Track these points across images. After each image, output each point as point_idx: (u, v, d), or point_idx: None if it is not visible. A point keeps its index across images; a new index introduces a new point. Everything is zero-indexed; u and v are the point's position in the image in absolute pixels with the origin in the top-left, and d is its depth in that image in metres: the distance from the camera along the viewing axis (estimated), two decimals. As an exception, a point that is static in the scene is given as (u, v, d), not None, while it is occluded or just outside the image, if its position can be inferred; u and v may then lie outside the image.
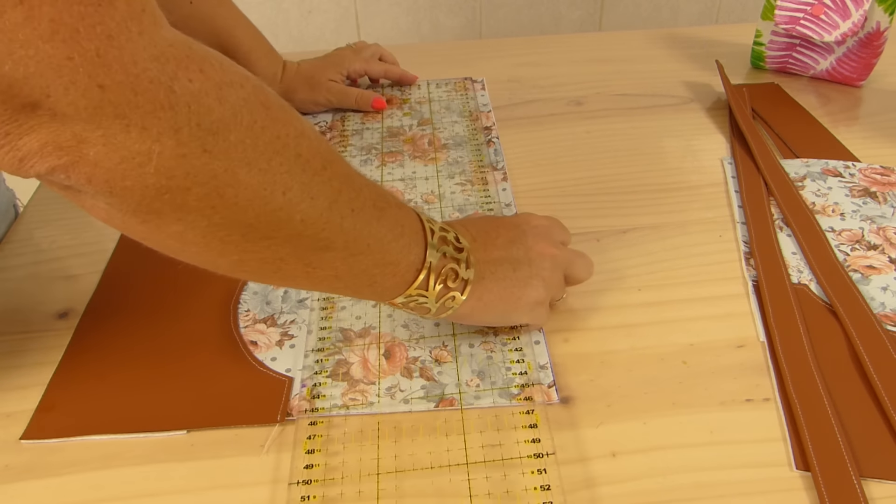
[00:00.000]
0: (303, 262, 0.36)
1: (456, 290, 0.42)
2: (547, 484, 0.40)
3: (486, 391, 0.45)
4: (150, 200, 0.29)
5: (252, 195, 0.31)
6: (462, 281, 0.42)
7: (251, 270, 0.36)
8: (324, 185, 0.34)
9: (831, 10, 0.73)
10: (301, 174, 0.33)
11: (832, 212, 0.59)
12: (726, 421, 0.43)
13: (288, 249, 0.35)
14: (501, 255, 0.45)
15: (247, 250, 0.34)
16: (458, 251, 0.42)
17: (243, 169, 0.30)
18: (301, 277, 0.37)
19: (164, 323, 0.51)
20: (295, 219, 0.33)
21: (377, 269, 0.39)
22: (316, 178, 0.34)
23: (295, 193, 0.33)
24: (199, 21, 0.70)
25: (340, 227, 0.36)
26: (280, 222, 0.33)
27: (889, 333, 0.48)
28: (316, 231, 0.35)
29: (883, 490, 0.39)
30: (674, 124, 0.73)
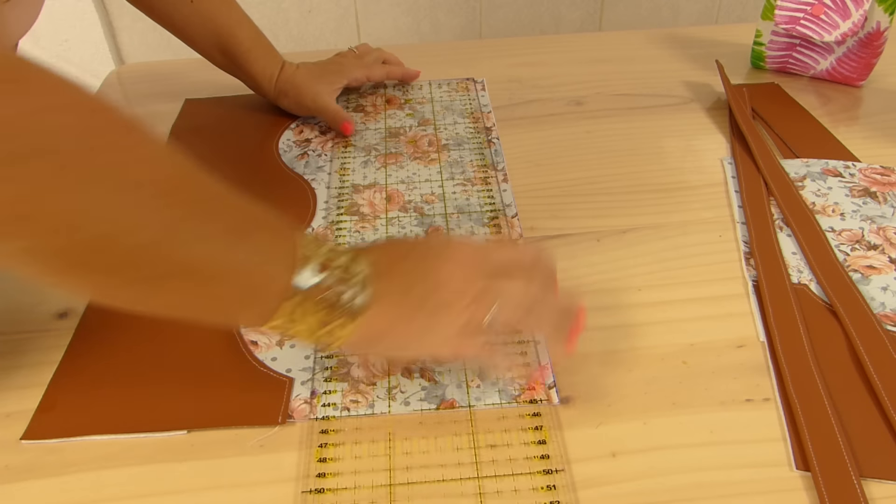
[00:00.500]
0: (139, 290, 0.34)
1: (340, 319, 0.38)
2: (553, 484, 0.40)
3: (487, 392, 0.45)
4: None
5: (61, 222, 0.30)
6: (347, 310, 0.38)
7: (88, 294, 0.34)
8: (161, 213, 0.32)
9: (831, 10, 0.73)
10: (132, 201, 0.31)
11: (832, 212, 0.59)
12: (726, 421, 0.43)
13: (118, 278, 0.33)
14: (404, 284, 0.40)
15: (70, 274, 0.32)
16: (344, 280, 0.38)
17: (50, 195, 0.29)
18: (143, 304, 0.35)
19: (164, 323, 0.51)
20: (120, 247, 0.31)
21: (234, 298, 0.37)
22: (152, 205, 0.32)
23: (120, 222, 0.31)
24: (199, 20, 0.70)
25: (182, 256, 0.33)
26: (100, 250, 0.31)
27: (889, 333, 0.48)
28: (150, 260, 0.33)
29: (883, 490, 0.39)
30: (674, 124, 0.73)
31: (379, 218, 0.60)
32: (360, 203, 0.62)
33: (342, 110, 0.72)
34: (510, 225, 0.59)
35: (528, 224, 0.59)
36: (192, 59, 0.85)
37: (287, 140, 0.72)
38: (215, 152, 0.70)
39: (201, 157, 0.72)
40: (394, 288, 0.40)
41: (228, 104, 0.78)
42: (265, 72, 0.73)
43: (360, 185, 0.64)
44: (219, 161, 0.69)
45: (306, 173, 0.66)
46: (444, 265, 0.41)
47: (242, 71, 0.73)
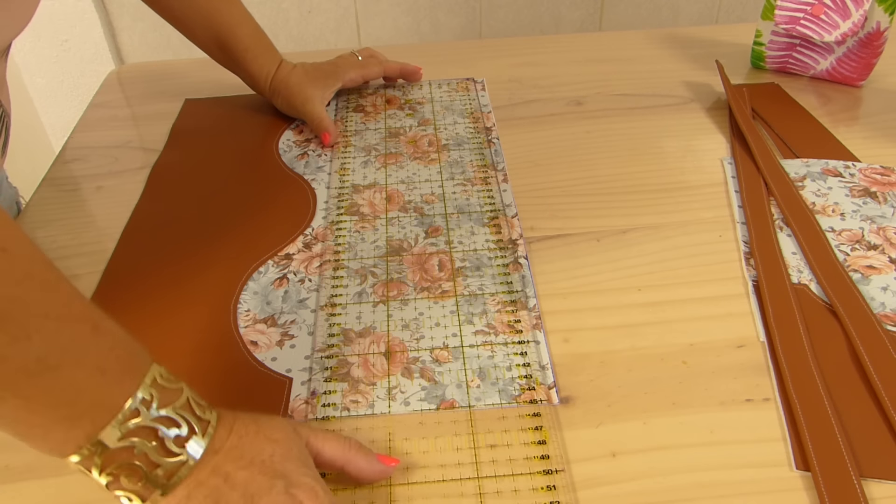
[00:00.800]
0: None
1: (126, 496, 0.34)
2: (553, 484, 0.40)
3: (486, 392, 0.45)
4: None
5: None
6: (139, 493, 0.33)
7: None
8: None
9: (831, 10, 0.73)
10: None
11: (832, 212, 0.59)
12: (726, 421, 0.43)
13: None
14: (216, 498, 0.34)
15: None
16: (163, 452, 0.33)
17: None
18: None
19: (163, 323, 0.51)
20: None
21: (21, 433, 0.33)
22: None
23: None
24: (199, 15, 0.70)
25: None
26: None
27: (889, 333, 0.48)
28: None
29: (883, 490, 0.39)
30: (674, 124, 0.73)
31: (379, 218, 0.60)
32: (360, 203, 0.62)
33: (327, 118, 0.71)
34: (510, 225, 0.59)
35: (528, 224, 0.59)
36: (192, 59, 0.85)
37: (287, 140, 0.72)
38: (215, 152, 0.70)
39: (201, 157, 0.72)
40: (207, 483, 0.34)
41: (228, 104, 0.78)
42: (262, 70, 0.72)
43: (360, 185, 0.64)
44: (219, 161, 0.69)
45: (306, 173, 0.66)
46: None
47: (240, 68, 0.73)
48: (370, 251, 0.57)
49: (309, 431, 0.39)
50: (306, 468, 0.36)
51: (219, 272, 0.55)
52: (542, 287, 0.53)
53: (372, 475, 0.40)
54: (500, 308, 0.51)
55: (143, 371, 0.35)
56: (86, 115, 0.78)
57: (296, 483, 0.35)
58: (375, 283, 0.54)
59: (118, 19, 1.32)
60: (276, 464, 0.35)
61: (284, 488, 0.34)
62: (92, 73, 1.35)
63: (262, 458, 0.35)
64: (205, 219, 0.61)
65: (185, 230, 0.60)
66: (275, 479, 0.34)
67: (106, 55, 1.33)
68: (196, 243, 0.58)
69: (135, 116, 0.77)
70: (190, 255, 0.57)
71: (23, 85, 1.35)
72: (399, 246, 0.57)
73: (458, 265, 0.55)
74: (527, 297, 0.52)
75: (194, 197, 0.64)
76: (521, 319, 0.50)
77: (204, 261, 0.56)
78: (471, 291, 0.53)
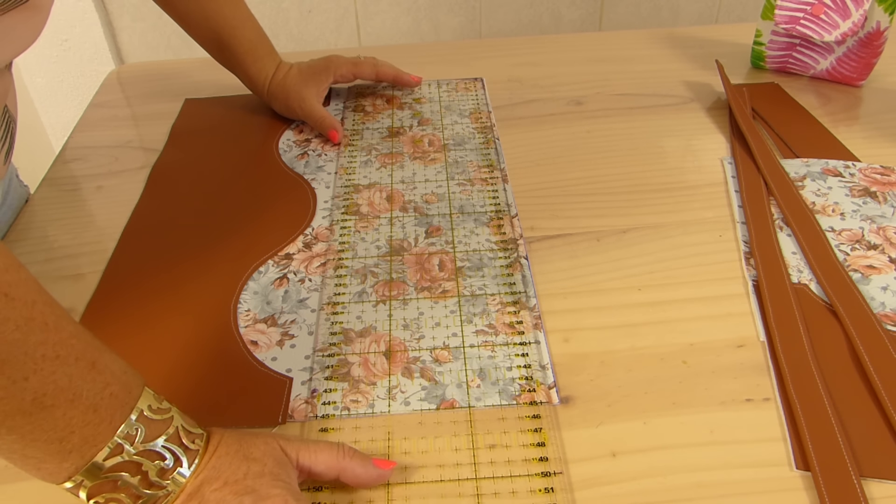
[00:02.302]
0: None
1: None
2: (551, 486, 0.40)
3: (487, 392, 0.45)
4: None
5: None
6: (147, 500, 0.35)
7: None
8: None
9: (831, 10, 0.73)
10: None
11: (832, 211, 0.59)
12: (726, 421, 0.43)
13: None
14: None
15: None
16: (147, 484, 0.35)
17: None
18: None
19: (164, 323, 0.51)
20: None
21: (17, 462, 0.34)
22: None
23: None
24: (199, 15, 0.69)
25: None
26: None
27: (889, 333, 0.48)
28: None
29: (883, 490, 0.39)
30: (674, 124, 0.73)
31: (379, 218, 0.60)
32: (360, 203, 0.62)
33: (329, 116, 0.71)
34: (511, 225, 0.59)
35: (528, 224, 0.59)
36: (192, 59, 0.86)
37: (287, 140, 0.72)
38: (215, 152, 0.70)
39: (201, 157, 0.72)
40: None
41: (228, 104, 0.78)
42: (260, 74, 0.72)
43: (360, 184, 0.64)
44: (219, 161, 0.69)
45: (306, 173, 0.66)
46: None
47: (239, 70, 0.73)
48: (371, 251, 0.57)
49: (300, 446, 0.39)
50: (279, 480, 0.36)
51: (219, 272, 0.55)
52: (543, 287, 0.53)
53: (369, 481, 0.40)
54: (501, 308, 0.51)
55: (132, 405, 0.35)
56: (86, 115, 0.78)
57: (264, 496, 0.35)
58: (376, 283, 0.54)
59: (118, 19, 1.32)
60: (247, 481, 0.36)
61: (252, 503, 0.35)
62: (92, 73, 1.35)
63: (235, 478, 0.36)
64: (205, 218, 0.61)
65: (185, 230, 0.60)
66: (243, 497, 0.35)
67: (106, 55, 1.33)
68: (196, 243, 0.58)
69: (135, 116, 0.77)
70: (190, 255, 0.57)
71: (23, 85, 1.35)
72: (400, 246, 0.57)
73: (458, 265, 0.55)
74: (527, 297, 0.52)
75: (194, 197, 0.64)
76: (522, 320, 0.50)
77: (204, 260, 0.56)
78: (471, 291, 0.53)
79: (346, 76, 0.76)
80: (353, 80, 0.77)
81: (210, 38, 0.71)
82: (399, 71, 0.77)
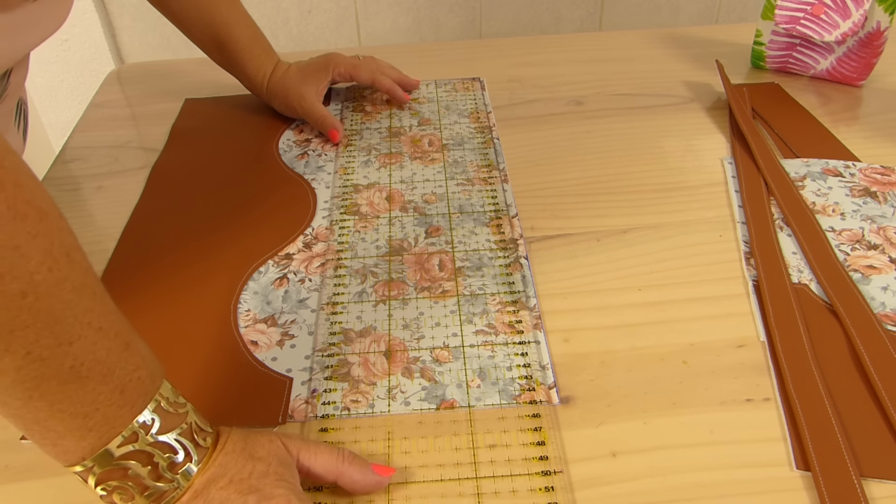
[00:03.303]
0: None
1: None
2: (551, 485, 0.40)
3: (487, 392, 0.45)
4: None
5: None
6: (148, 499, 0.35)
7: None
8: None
9: (831, 10, 0.73)
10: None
11: (832, 211, 0.59)
12: (726, 421, 0.43)
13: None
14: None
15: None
16: (156, 475, 0.35)
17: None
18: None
19: (164, 323, 0.51)
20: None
21: (33, 433, 0.34)
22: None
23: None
24: (195, 16, 0.69)
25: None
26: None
27: (889, 333, 0.48)
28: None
29: (883, 490, 0.39)
30: (674, 124, 0.73)
31: (379, 218, 0.60)
32: (360, 203, 0.62)
33: (329, 116, 0.71)
34: (511, 225, 0.59)
35: (528, 224, 0.59)
36: (192, 59, 0.85)
37: (287, 140, 0.72)
38: (215, 152, 0.70)
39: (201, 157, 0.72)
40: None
41: (228, 104, 0.78)
42: (259, 72, 0.72)
43: (360, 184, 0.64)
44: (219, 161, 0.69)
45: (306, 173, 0.66)
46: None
47: (237, 69, 0.73)
48: (371, 251, 0.57)
49: (301, 445, 0.39)
50: (283, 481, 0.36)
51: (219, 272, 0.55)
52: (543, 287, 0.53)
53: (366, 487, 0.40)
54: (501, 308, 0.51)
55: (153, 394, 0.35)
56: (86, 115, 0.78)
57: (268, 495, 0.35)
58: (376, 283, 0.54)
59: (118, 19, 1.32)
60: (252, 480, 0.36)
61: (256, 502, 0.35)
62: (92, 72, 1.35)
63: (240, 477, 0.36)
64: (205, 219, 0.61)
65: (185, 230, 0.60)
66: (247, 496, 0.35)
67: (106, 55, 1.33)
68: (196, 243, 0.58)
69: (135, 116, 0.77)
70: (190, 255, 0.57)
71: (23, 85, 1.35)
72: (400, 246, 0.57)
73: (458, 265, 0.55)
74: (527, 297, 0.52)
75: (194, 197, 0.64)
76: (521, 319, 0.50)
77: (204, 261, 0.56)
78: (471, 291, 0.53)
79: (344, 76, 0.75)
80: (351, 80, 0.77)
81: (206, 37, 0.71)
82: (392, 85, 0.75)
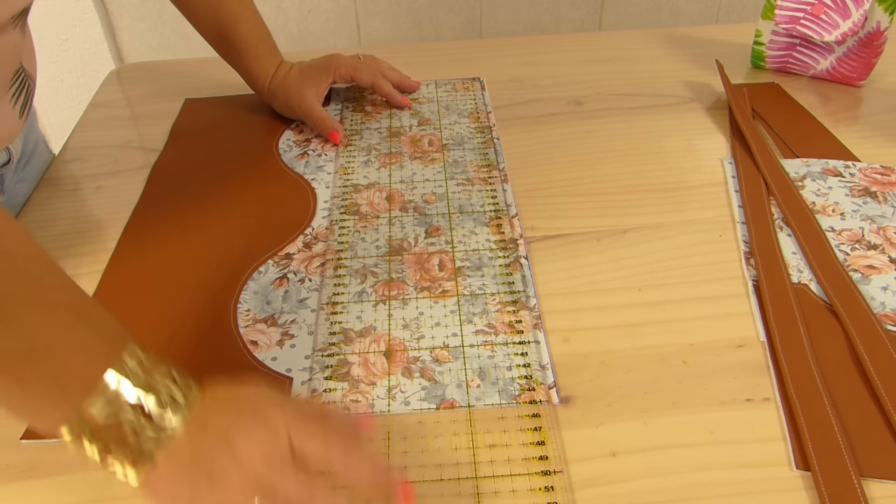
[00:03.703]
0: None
1: (118, 464, 0.35)
2: (551, 485, 0.40)
3: (486, 392, 0.45)
4: None
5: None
6: (129, 459, 0.35)
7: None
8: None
9: (831, 10, 0.73)
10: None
11: (832, 211, 0.59)
12: (726, 421, 0.43)
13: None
14: (191, 463, 0.36)
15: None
16: (138, 427, 0.35)
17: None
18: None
19: (164, 323, 0.51)
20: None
21: (17, 410, 0.36)
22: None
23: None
24: (203, 10, 0.69)
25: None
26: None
27: (889, 333, 0.48)
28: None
29: (883, 490, 0.39)
30: (674, 124, 0.73)
31: (379, 217, 0.60)
32: (360, 203, 0.62)
33: (329, 117, 0.71)
34: (511, 225, 0.59)
35: (528, 224, 0.59)
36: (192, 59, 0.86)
37: (287, 140, 0.72)
38: (215, 152, 0.70)
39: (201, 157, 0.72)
40: (181, 462, 0.35)
41: (228, 104, 0.78)
42: (261, 72, 0.72)
43: (360, 184, 0.64)
44: (219, 161, 0.69)
45: (306, 173, 0.66)
46: (230, 460, 0.35)
47: (240, 66, 0.73)
48: (370, 251, 0.57)
49: (291, 422, 0.36)
50: (278, 404, 0.37)
51: (219, 272, 0.55)
52: (543, 287, 0.53)
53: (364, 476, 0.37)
54: (501, 308, 0.51)
55: (122, 350, 0.36)
56: (86, 115, 0.78)
57: (266, 415, 0.36)
58: (376, 283, 0.54)
59: (118, 19, 1.32)
60: (247, 401, 0.37)
61: (252, 413, 0.36)
62: (92, 73, 1.35)
63: (233, 402, 0.37)
64: (205, 218, 0.61)
65: (185, 230, 0.60)
66: (244, 414, 0.36)
67: (106, 55, 1.33)
68: (196, 243, 0.58)
69: (135, 116, 0.77)
70: (190, 255, 0.57)
71: (23, 85, 1.35)
72: (399, 245, 0.57)
73: (458, 265, 0.55)
74: (527, 296, 0.52)
75: (194, 197, 0.64)
76: (521, 319, 0.50)
77: (204, 260, 0.56)
78: (471, 291, 0.53)
79: (345, 77, 0.75)
80: (352, 82, 0.77)
81: (213, 31, 0.71)
82: (390, 90, 0.75)
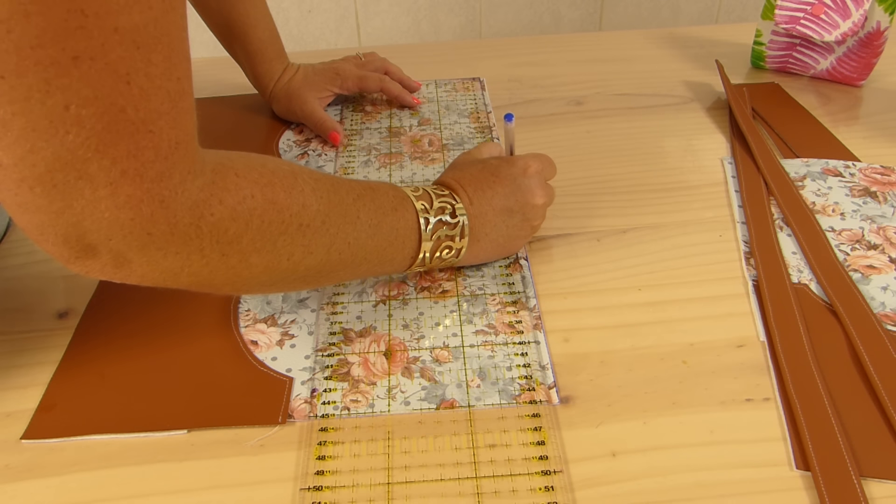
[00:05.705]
0: (308, 283, 0.46)
1: (451, 256, 0.50)
2: (551, 485, 0.40)
3: (486, 392, 0.45)
4: (182, 287, 0.39)
5: (263, 269, 0.40)
6: (457, 250, 0.50)
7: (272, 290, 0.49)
8: (322, 237, 0.42)
9: (831, 10, 0.73)
10: (302, 239, 0.40)
11: (832, 211, 0.59)
12: (726, 421, 0.43)
13: (296, 284, 0.45)
14: (497, 210, 0.52)
15: (263, 290, 0.47)
16: (452, 227, 0.49)
17: (254, 255, 0.39)
18: (305, 286, 0.48)
19: (164, 322, 0.51)
20: (299, 270, 0.42)
21: (377, 269, 0.48)
22: (315, 236, 0.41)
23: (297, 255, 0.41)
24: (214, 7, 0.69)
25: (339, 259, 0.43)
26: (287, 274, 0.41)
27: (889, 333, 0.48)
28: (318, 270, 0.43)
29: (883, 490, 0.39)
30: (674, 124, 0.73)
31: (379, 218, 0.60)
32: (360, 203, 0.62)
33: (329, 119, 0.71)
34: (510, 225, 0.59)
35: (528, 224, 0.59)
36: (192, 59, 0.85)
37: (287, 140, 0.72)
38: (215, 152, 0.70)
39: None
40: (489, 219, 0.52)
41: (228, 104, 0.78)
42: (266, 75, 0.72)
43: (360, 184, 0.64)
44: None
45: (306, 173, 0.66)
46: (521, 192, 0.53)
47: (246, 67, 0.73)
48: (370, 251, 0.57)
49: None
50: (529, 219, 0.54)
51: (219, 272, 0.55)
52: (542, 287, 0.53)
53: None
54: (501, 308, 0.51)
55: (412, 205, 0.48)
56: (86, 115, 0.77)
57: (530, 216, 0.54)
58: (376, 283, 0.54)
59: (118, 19, 1.32)
60: (504, 209, 0.53)
61: (513, 192, 0.53)
62: (92, 72, 1.35)
63: (494, 208, 0.52)
64: (205, 218, 0.61)
65: (185, 230, 0.59)
66: (506, 218, 0.53)
67: (106, 55, 1.33)
68: (196, 243, 0.58)
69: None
70: (190, 255, 0.57)
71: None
72: (399, 246, 0.57)
73: (458, 265, 0.55)
74: (527, 297, 0.52)
75: (194, 197, 0.64)
76: (521, 319, 0.50)
77: (204, 260, 0.56)
78: (471, 291, 0.53)
79: (353, 89, 0.76)
80: (357, 93, 0.77)
81: (222, 29, 0.71)
82: (401, 91, 0.76)
